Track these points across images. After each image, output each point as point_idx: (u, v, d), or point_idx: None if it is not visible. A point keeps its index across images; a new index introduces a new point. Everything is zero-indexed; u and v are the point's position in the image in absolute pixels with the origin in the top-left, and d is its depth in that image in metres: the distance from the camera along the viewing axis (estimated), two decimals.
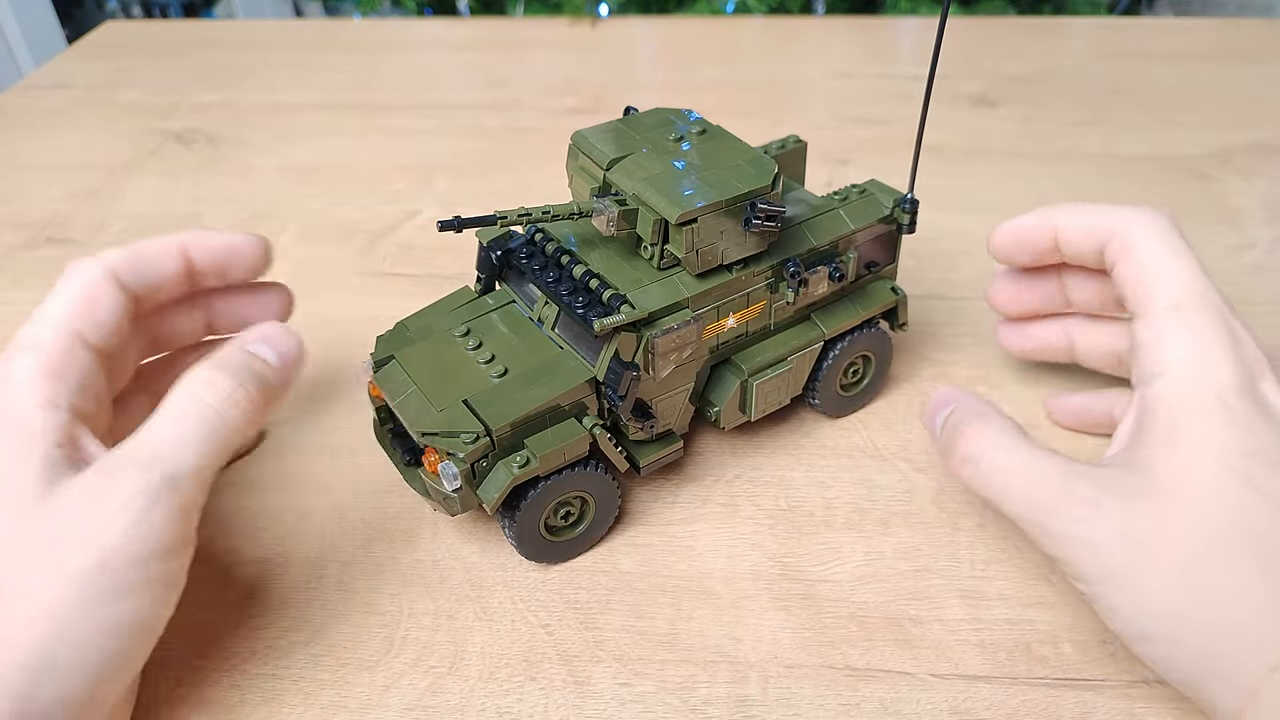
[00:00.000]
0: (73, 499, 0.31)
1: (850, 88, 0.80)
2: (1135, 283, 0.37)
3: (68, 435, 0.33)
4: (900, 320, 0.45)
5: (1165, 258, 0.36)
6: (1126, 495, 0.32)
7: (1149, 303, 0.36)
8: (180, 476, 0.32)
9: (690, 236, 0.36)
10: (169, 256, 0.39)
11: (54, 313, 0.36)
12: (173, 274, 0.39)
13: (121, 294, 0.37)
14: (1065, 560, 0.33)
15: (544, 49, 0.90)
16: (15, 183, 0.70)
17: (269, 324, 0.37)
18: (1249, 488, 0.31)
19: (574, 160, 0.41)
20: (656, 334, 0.37)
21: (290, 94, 0.82)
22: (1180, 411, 0.33)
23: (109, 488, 0.31)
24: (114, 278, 0.37)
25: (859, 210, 0.42)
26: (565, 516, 0.39)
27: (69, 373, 0.34)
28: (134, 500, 0.31)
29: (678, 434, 0.41)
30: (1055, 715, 0.34)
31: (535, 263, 0.40)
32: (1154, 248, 0.37)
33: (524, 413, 0.36)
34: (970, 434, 0.36)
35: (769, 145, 0.47)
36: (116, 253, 0.38)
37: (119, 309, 0.37)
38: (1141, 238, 0.37)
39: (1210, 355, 0.34)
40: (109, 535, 0.30)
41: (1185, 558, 0.30)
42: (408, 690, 0.35)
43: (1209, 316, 0.34)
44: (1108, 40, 0.88)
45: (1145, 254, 0.37)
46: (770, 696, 0.35)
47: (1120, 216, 0.38)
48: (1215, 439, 0.32)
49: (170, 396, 0.33)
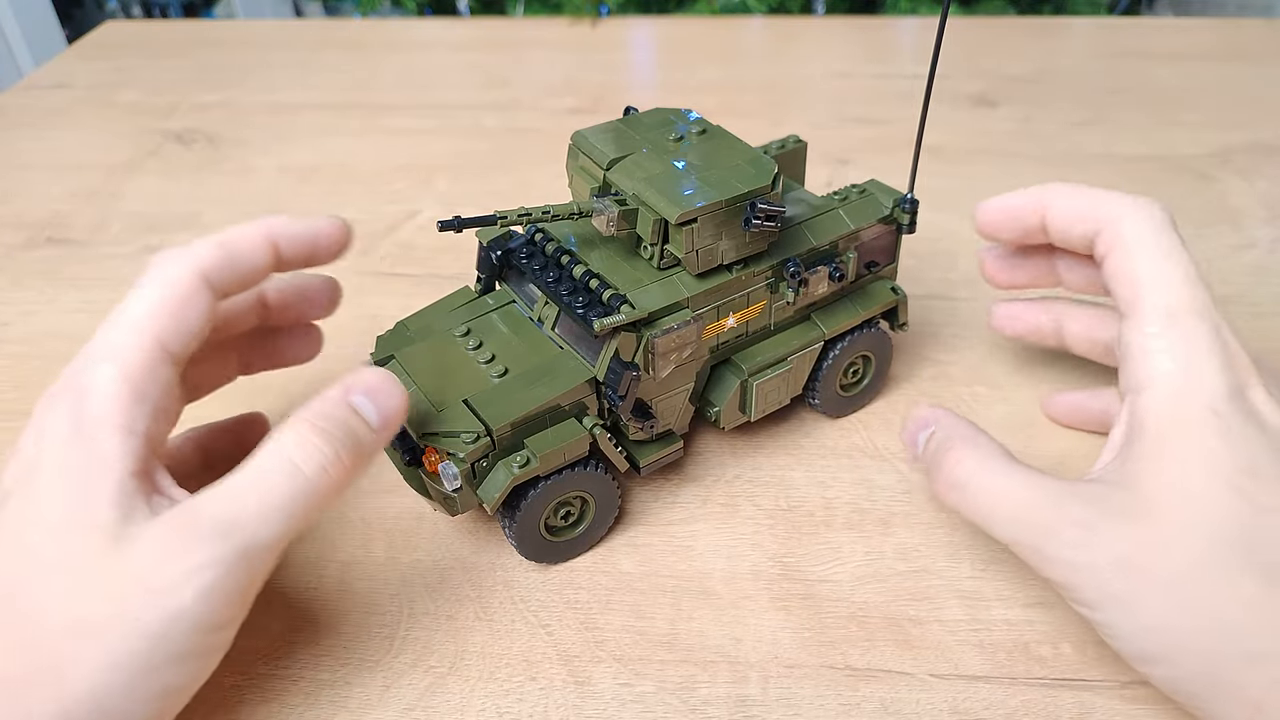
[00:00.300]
0: (147, 551, 0.29)
1: (850, 88, 0.80)
2: (1126, 282, 0.35)
3: (142, 465, 0.31)
4: (900, 320, 0.45)
5: (1158, 258, 0.35)
6: (1120, 515, 0.31)
7: (1138, 304, 0.35)
8: (256, 549, 0.30)
9: (690, 236, 0.36)
10: (259, 250, 0.35)
11: (137, 316, 0.33)
12: (262, 268, 0.36)
13: (210, 296, 0.34)
14: (1063, 585, 0.32)
15: (544, 49, 0.90)
16: (15, 183, 0.70)
17: (375, 374, 0.34)
18: (1242, 499, 0.30)
19: (574, 160, 0.41)
20: (656, 334, 0.37)
21: (290, 94, 0.82)
22: (1170, 423, 0.32)
23: (184, 551, 0.29)
24: (203, 278, 0.34)
25: (859, 210, 0.42)
26: (565, 516, 0.39)
27: (149, 393, 0.32)
28: (206, 570, 0.29)
29: (678, 434, 0.41)
30: (1054, 715, 0.34)
31: (535, 263, 0.40)
32: (1146, 246, 0.35)
33: (524, 413, 0.36)
34: (955, 458, 0.35)
35: (769, 145, 0.47)
36: (206, 248, 0.34)
37: (206, 313, 0.34)
38: (1134, 234, 0.36)
39: (1200, 366, 0.33)
40: (177, 600, 0.29)
41: (1181, 575, 0.30)
42: (408, 690, 0.35)
43: (1201, 325, 0.34)
44: (1108, 40, 0.88)
45: (1137, 252, 0.35)
46: (770, 696, 0.35)
47: (1114, 206, 0.37)
48: (1206, 452, 0.31)
49: (262, 451, 0.31)
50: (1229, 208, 0.62)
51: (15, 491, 0.31)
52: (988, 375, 0.49)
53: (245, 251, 0.35)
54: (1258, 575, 0.29)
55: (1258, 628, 0.29)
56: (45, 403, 0.33)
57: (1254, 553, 0.30)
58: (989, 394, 0.47)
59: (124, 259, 0.61)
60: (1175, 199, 0.63)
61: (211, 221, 0.64)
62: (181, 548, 0.29)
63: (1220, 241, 0.59)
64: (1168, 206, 0.37)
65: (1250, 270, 0.56)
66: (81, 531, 0.30)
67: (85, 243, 0.62)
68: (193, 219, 0.65)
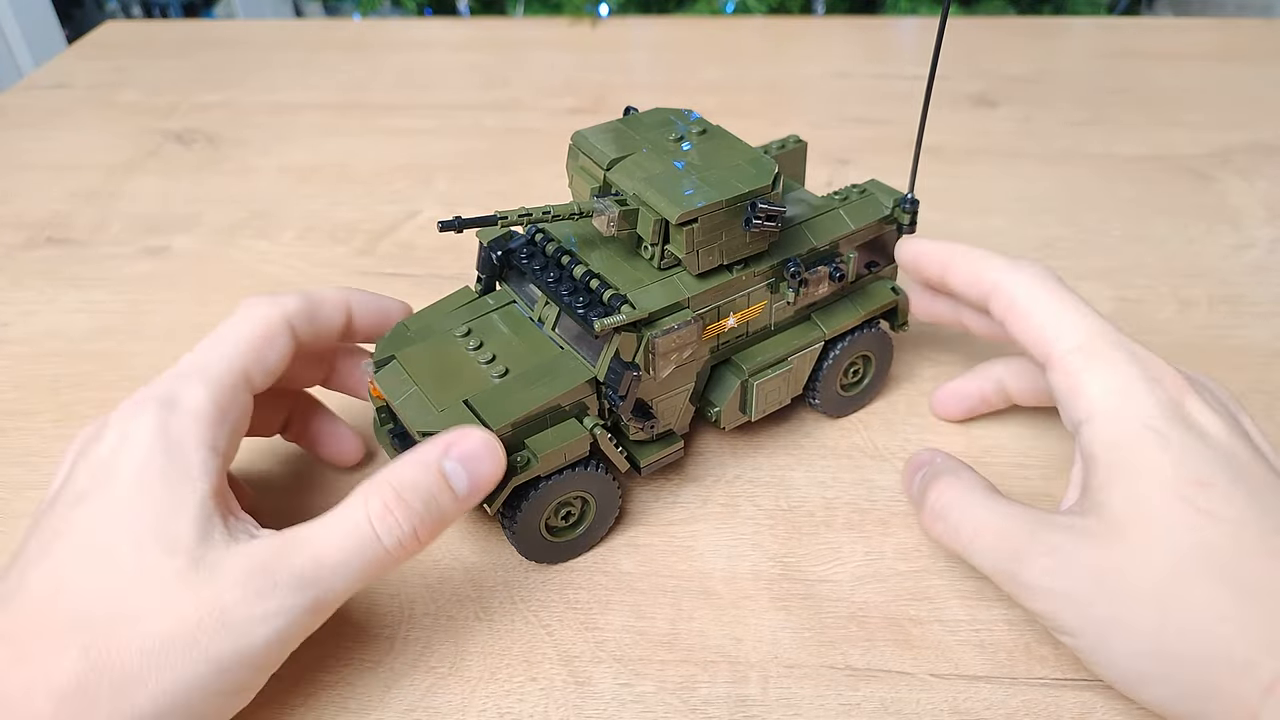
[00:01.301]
0: (228, 585, 0.30)
1: (850, 88, 0.80)
2: (1033, 335, 0.36)
3: (219, 486, 0.32)
4: (900, 320, 0.46)
5: (1056, 307, 0.36)
6: (1090, 538, 0.32)
7: (1052, 350, 0.36)
8: (327, 603, 0.31)
9: (690, 236, 0.36)
10: (338, 310, 0.39)
11: (229, 347, 0.36)
12: (337, 329, 0.40)
13: (291, 342, 0.37)
14: (1044, 614, 0.32)
15: (544, 49, 0.90)
16: (15, 183, 0.70)
17: (476, 435, 0.34)
18: (1197, 513, 0.30)
19: (574, 160, 0.41)
20: (657, 334, 0.37)
21: (290, 94, 0.82)
22: (1114, 448, 0.33)
23: (265, 594, 0.30)
24: (289, 324, 0.37)
25: (859, 210, 0.42)
26: (566, 517, 0.39)
27: (230, 416, 0.34)
28: (281, 617, 0.30)
29: (678, 434, 0.41)
30: (1055, 715, 0.34)
31: (535, 263, 0.40)
32: (1039, 303, 0.36)
33: (525, 413, 0.36)
34: (939, 488, 0.36)
35: (769, 145, 0.47)
36: (295, 300, 0.38)
37: (286, 356, 0.37)
38: (1025, 295, 0.37)
39: (1128, 388, 0.33)
40: (249, 640, 0.30)
41: (1155, 592, 0.30)
42: (408, 690, 0.35)
43: (1116, 352, 0.34)
44: (1108, 40, 0.88)
45: (1033, 307, 0.36)
46: (770, 696, 0.35)
47: (996, 274, 0.38)
48: (1153, 468, 0.32)
49: (344, 509, 0.32)
50: (1229, 208, 0.62)
51: (93, 492, 0.32)
52: None
53: (326, 309, 0.39)
54: (1230, 585, 0.30)
55: (1240, 636, 0.29)
56: (131, 407, 0.33)
57: (1221, 564, 0.30)
58: None
59: (124, 259, 0.61)
60: (1175, 199, 0.63)
61: (211, 221, 0.64)
62: (263, 590, 0.30)
63: (1220, 241, 0.59)
64: (1048, 265, 0.38)
65: (1250, 270, 0.56)
66: (164, 548, 0.30)
67: (85, 243, 0.62)
68: (193, 219, 0.65)
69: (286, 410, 0.43)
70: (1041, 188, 0.65)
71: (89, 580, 0.30)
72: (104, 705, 0.28)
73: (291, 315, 0.37)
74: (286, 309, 0.37)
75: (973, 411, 0.45)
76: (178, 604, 0.30)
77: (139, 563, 0.30)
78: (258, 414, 0.40)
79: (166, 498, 0.31)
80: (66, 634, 0.29)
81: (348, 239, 0.62)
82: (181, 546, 0.30)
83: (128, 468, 0.32)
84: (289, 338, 0.37)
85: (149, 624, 0.29)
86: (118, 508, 0.31)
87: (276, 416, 0.42)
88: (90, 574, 0.30)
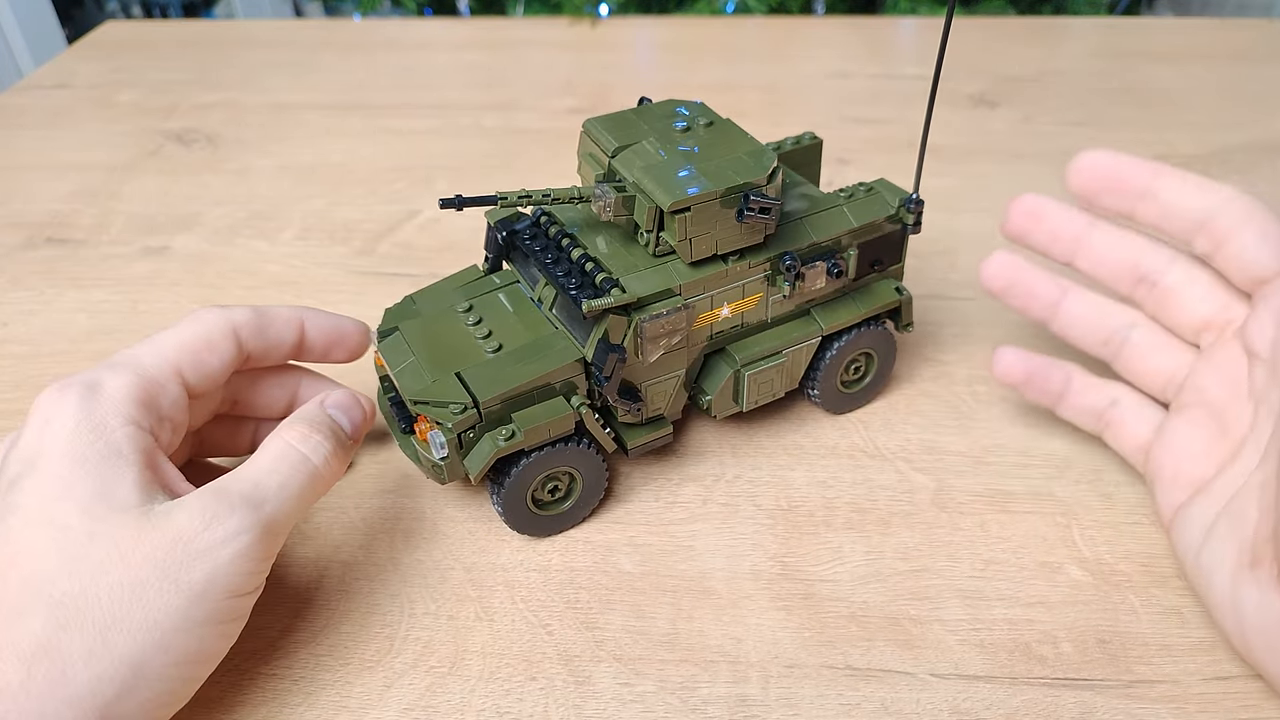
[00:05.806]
0: (185, 519, 0.31)
1: (850, 88, 0.80)
2: (1252, 252, 0.36)
3: (150, 459, 0.33)
4: (905, 320, 0.45)
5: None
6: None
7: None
8: (276, 523, 0.33)
9: (683, 225, 0.37)
10: (290, 328, 0.40)
11: (166, 345, 0.36)
12: (288, 344, 0.40)
13: (236, 350, 0.38)
14: None
15: (544, 49, 0.90)
16: (15, 183, 0.70)
17: (342, 393, 0.40)
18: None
19: (584, 147, 0.42)
20: (645, 319, 0.37)
21: (290, 94, 0.82)
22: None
23: (223, 516, 0.31)
24: (234, 333, 0.38)
25: (863, 208, 0.42)
26: (553, 491, 0.40)
27: (159, 403, 0.35)
28: (242, 535, 0.31)
29: (669, 420, 0.42)
30: (1055, 715, 0.34)
31: (537, 244, 0.41)
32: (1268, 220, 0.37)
33: (513, 387, 0.37)
34: None
35: (784, 141, 0.47)
36: (244, 312, 0.39)
37: (228, 363, 0.38)
38: (1255, 209, 0.37)
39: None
40: (214, 560, 0.31)
41: None
42: (408, 690, 0.35)
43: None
44: (1108, 40, 0.88)
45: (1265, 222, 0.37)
46: (770, 696, 0.35)
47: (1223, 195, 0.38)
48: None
49: (268, 445, 0.35)
50: None
51: (26, 475, 0.32)
52: (988, 376, 0.49)
53: (278, 324, 0.40)
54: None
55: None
56: (51, 394, 0.33)
57: None
58: (989, 393, 0.47)
59: (124, 259, 0.61)
60: None
61: (211, 221, 0.64)
62: (220, 513, 0.31)
63: None
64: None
65: None
66: (111, 508, 0.31)
67: (85, 243, 0.62)
68: (193, 219, 0.65)
69: (252, 431, 0.43)
70: (1041, 188, 0.65)
71: (43, 546, 0.30)
72: (78, 659, 0.28)
73: (239, 325, 0.38)
74: (234, 319, 0.38)
75: (1029, 383, 0.43)
76: (138, 548, 0.30)
77: (91, 524, 0.30)
78: (226, 432, 0.42)
79: (101, 470, 0.31)
80: (27, 598, 0.29)
81: (347, 239, 0.62)
82: (130, 505, 0.31)
83: (56, 451, 0.32)
84: (233, 345, 0.38)
85: (113, 573, 0.30)
86: (56, 484, 0.31)
87: (244, 437, 0.43)
88: (43, 541, 0.30)
